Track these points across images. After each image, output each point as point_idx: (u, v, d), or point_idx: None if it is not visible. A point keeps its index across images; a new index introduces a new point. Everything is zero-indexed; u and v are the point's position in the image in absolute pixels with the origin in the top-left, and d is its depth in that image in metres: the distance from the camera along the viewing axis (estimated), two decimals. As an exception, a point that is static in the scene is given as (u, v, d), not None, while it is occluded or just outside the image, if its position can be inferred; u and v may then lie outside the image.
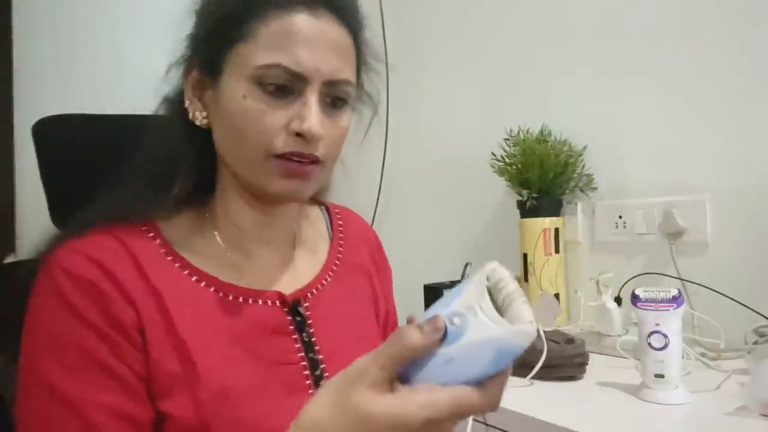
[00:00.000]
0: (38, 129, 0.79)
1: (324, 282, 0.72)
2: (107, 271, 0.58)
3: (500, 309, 0.44)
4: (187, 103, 0.65)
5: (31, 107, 1.52)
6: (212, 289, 0.63)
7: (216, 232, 0.67)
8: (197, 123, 0.65)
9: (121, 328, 0.57)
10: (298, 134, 0.60)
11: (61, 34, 1.60)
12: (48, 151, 0.79)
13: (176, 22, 0.66)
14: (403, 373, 0.45)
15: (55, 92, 1.56)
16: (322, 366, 0.66)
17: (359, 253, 0.80)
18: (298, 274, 0.71)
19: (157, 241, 0.64)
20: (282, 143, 0.60)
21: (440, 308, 0.45)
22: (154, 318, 0.59)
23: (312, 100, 0.60)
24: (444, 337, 0.43)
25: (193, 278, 0.63)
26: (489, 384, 0.44)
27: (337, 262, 0.76)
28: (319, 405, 0.47)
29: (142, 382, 0.57)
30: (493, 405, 0.44)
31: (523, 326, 0.42)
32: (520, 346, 0.42)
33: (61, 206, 0.79)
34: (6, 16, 1.55)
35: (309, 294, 0.69)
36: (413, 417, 0.43)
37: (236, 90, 0.60)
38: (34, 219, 1.48)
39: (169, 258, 0.63)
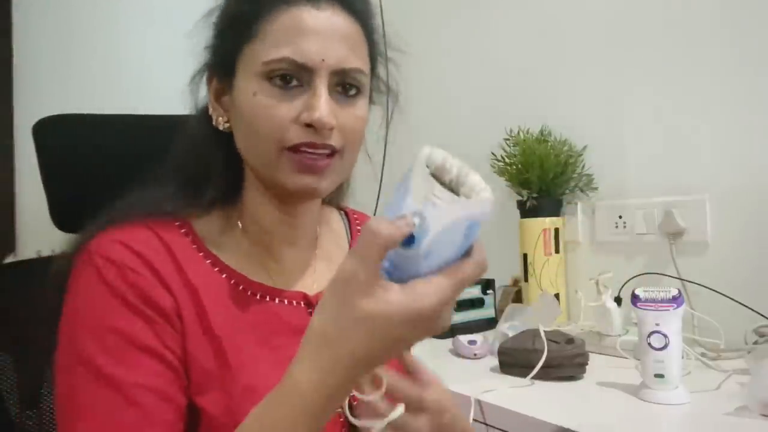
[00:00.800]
0: (38, 129, 0.79)
1: None
2: (146, 260, 0.59)
3: (452, 188, 0.45)
4: (210, 110, 0.67)
5: (31, 107, 1.53)
6: (241, 287, 0.64)
7: (242, 232, 0.68)
8: (220, 128, 0.66)
9: (161, 311, 0.58)
10: (309, 125, 0.60)
11: (61, 34, 1.61)
12: (48, 151, 0.79)
13: (186, 30, 0.67)
14: (389, 278, 0.45)
15: (55, 92, 1.56)
16: None
17: None
18: (319, 276, 0.72)
19: (190, 237, 0.65)
20: (293, 135, 0.60)
21: (394, 211, 0.45)
22: (190, 311, 0.60)
23: (320, 90, 0.60)
24: (412, 239, 0.44)
25: (224, 275, 0.64)
26: (473, 252, 0.46)
27: None
28: (324, 326, 0.47)
29: (183, 365, 0.58)
30: (484, 266, 0.47)
31: (481, 196, 0.44)
32: (484, 214, 0.44)
33: (61, 206, 0.79)
34: (6, 16, 1.55)
35: None
36: (428, 305, 0.44)
37: (248, 89, 0.61)
38: (34, 219, 1.48)
39: (200, 254, 0.64)
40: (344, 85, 0.62)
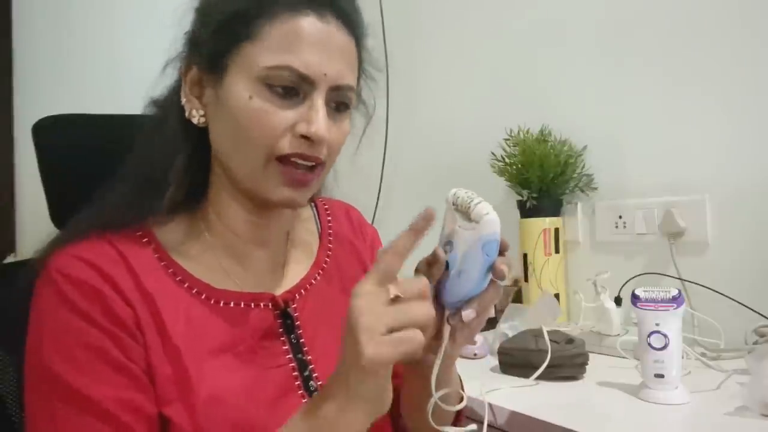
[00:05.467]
0: (38, 129, 0.79)
1: (313, 281, 0.72)
2: (105, 274, 0.59)
3: (468, 218, 0.56)
4: (183, 101, 0.65)
5: (31, 107, 1.52)
6: (204, 296, 0.64)
7: (209, 236, 0.67)
8: (194, 121, 0.64)
9: (123, 326, 0.58)
10: (304, 137, 0.60)
11: (61, 33, 1.60)
12: (48, 151, 0.79)
13: (174, 21, 0.66)
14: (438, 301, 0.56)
15: (55, 92, 1.56)
16: (310, 367, 0.66)
17: (353, 249, 0.80)
18: (290, 274, 0.71)
19: (152, 246, 0.64)
20: (286, 144, 0.60)
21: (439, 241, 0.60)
22: (149, 323, 0.60)
23: (319, 103, 0.60)
24: (447, 265, 0.57)
25: (185, 285, 0.64)
26: (501, 259, 0.56)
27: (327, 259, 0.76)
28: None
29: (148, 377, 0.58)
30: (512, 265, 0.58)
31: (486, 219, 0.54)
32: (493, 233, 0.54)
33: (60, 206, 0.79)
34: (6, 16, 1.55)
35: (297, 295, 0.69)
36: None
37: (242, 90, 0.60)
38: (34, 219, 1.48)
39: (162, 263, 0.64)
40: (337, 100, 0.63)
